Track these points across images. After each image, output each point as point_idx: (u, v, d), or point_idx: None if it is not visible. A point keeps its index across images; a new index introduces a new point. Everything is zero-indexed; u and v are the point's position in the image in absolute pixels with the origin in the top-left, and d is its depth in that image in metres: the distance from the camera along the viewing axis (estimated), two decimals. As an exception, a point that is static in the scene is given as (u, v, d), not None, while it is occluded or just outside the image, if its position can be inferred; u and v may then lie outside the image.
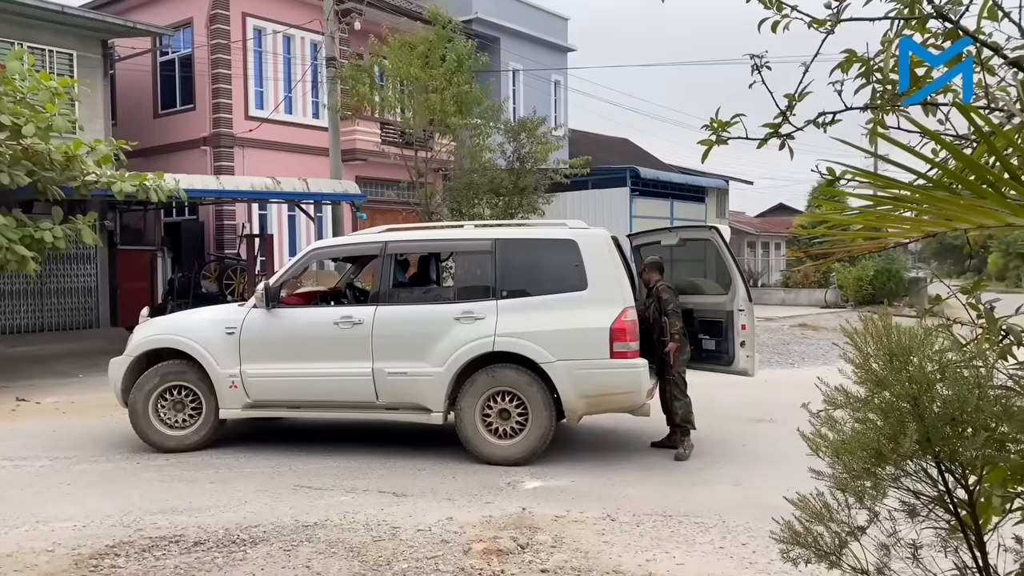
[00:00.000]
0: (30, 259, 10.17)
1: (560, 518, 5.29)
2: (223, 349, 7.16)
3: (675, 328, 6.97)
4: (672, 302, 7.02)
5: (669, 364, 7.04)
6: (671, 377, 7.05)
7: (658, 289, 7.15)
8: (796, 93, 2.39)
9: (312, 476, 6.45)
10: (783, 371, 12.85)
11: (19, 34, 15.08)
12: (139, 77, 19.77)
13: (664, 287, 7.13)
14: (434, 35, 15.71)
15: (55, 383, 11.62)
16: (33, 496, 5.97)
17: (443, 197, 16.86)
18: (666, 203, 22.48)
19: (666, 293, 7.06)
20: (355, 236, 8.26)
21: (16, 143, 10.48)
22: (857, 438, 2.04)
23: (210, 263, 17.89)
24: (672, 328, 6.96)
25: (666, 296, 7.04)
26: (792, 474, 2.88)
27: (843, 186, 2.26)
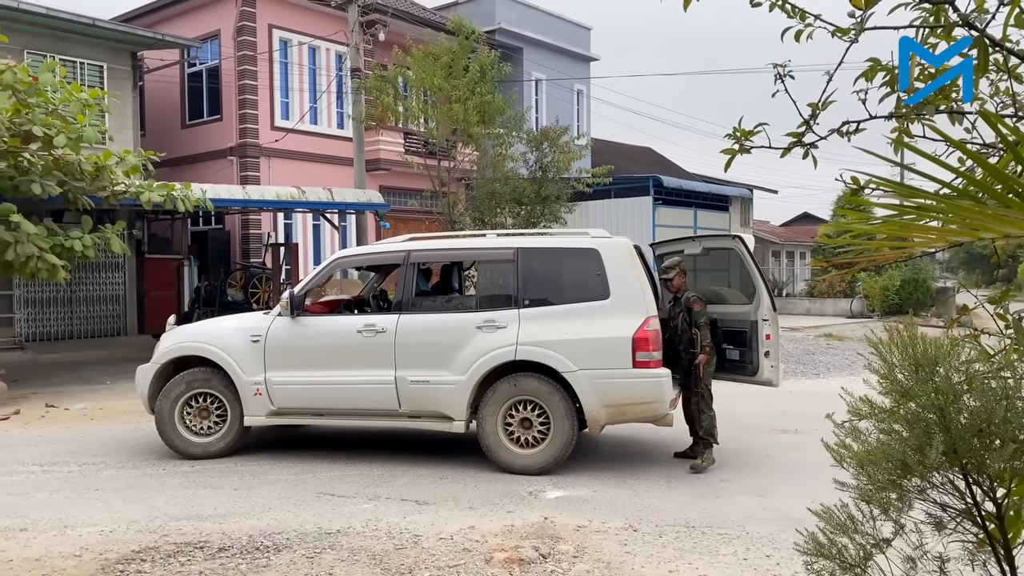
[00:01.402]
0: (60, 267, 10.33)
1: (582, 528, 5.27)
2: (248, 357, 7.23)
3: (705, 340, 6.89)
4: (703, 314, 6.93)
5: (697, 376, 6.95)
6: (699, 390, 6.95)
7: (688, 300, 7.03)
8: (820, 102, 2.38)
9: (335, 483, 6.48)
10: (808, 381, 12.73)
11: (51, 47, 15.38)
12: (167, 88, 20.06)
13: (695, 298, 7.01)
14: (457, 46, 15.81)
15: (83, 390, 11.78)
16: (62, 501, 6.05)
17: (465, 206, 16.91)
18: (689, 212, 22.38)
19: (697, 304, 6.96)
20: (378, 245, 8.31)
21: (48, 154, 10.66)
22: (882, 449, 2.02)
23: (236, 272, 18.07)
24: (703, 340, 6.89)
25: (697, 308, 6.95)
26: (816, 485, 2.85)
27: (867, 195, 2.25)
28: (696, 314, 6.95)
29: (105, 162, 11.32)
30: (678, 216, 21.71)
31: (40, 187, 10.28)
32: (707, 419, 6.92)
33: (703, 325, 6.91)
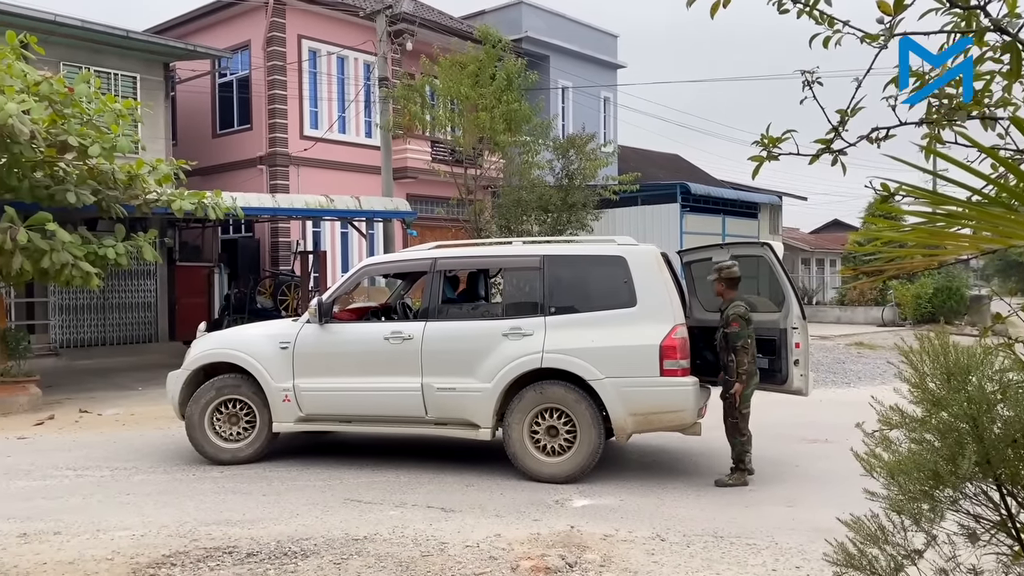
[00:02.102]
0: (94, 275, 10.50)
1: (609, 537, 5.25)
2: (277, 363, 7.30)
3: (742, 367, 6.51)
4: (742, 336, 6.49)
5: (732, 404, 6.63)
6: (733, 418, 6.62)
7: (728, 318, 6.61)
8: (848, 108, 2.36)
9: (362, 490, 6.51)
10: (838, 390, 12.57)
11: (87, 59, 15.68)
12: (198, 99, 20.37)
13: (735, 316, 6.56)
14: (484, 54, 15.88)
15: (116, 395, 11.96)
16: (95, 505, 6.14)
17: (492, 214, 16.95)
18: (717, 219, 22.23)
19: (736, 324, 6.52)
20: (405, 253, 8.36)
21: (83, 163, 10.87)
22: (913, 459, 2.00)
23: (265, 279, 18.26)
24: (739, 367, 6.52)
25: (735, 328, 6.52)
26: (846, 495, 2.82)
27: (898, 203, 2.23)
28: (732, 336, 6.53)
29: (138, 171, 11.51)
30: (706, 223, 21.58)
31: (75, 196, 10.48)
32: (738, 444, 6.64)
33: (740, 349, 6.49)
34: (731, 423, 6.64)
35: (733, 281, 6.78)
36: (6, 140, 9.43)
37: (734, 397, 6.56)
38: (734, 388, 6.55)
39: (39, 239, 9.83)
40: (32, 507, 6.07)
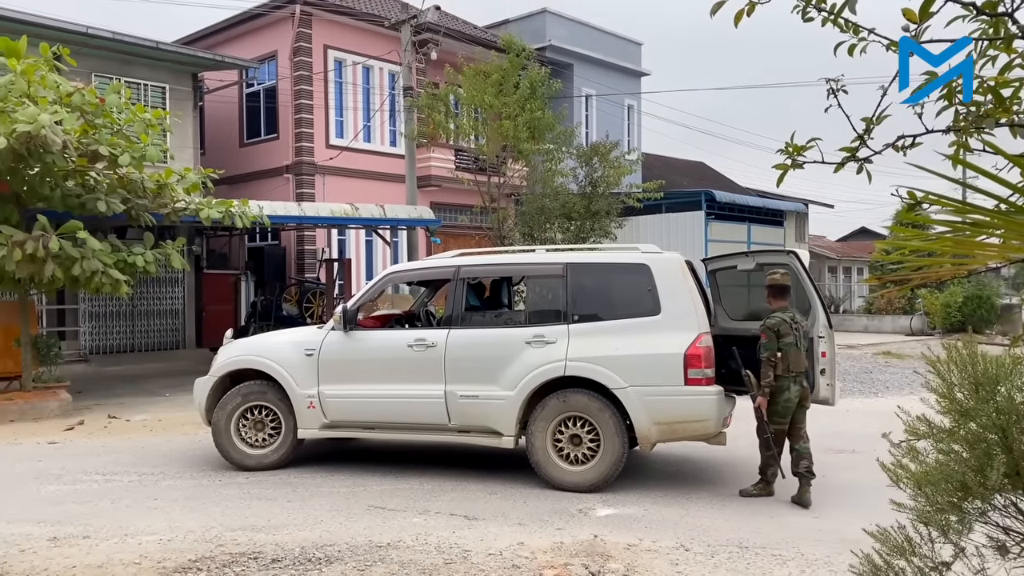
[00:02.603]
0: (123, 282, 10.66)
1: (633, 547, 5.22)
2: (302, 370, 7.35)
3: (766, 379, 6.28)
4: (768, 349, 6.28)
5: (763, 419, 6.39)
6: (764, 435, 6.40)
7: (760, 329, 6.42)
8: (874, 116, 2.34)
9: (385, 497, 6.53)
10: (865, 400, 12.42)
11: (117, 69, 15.95)
12: (226, 108, 20.63)
13: (765, 328, 6.35)
14: (508, 63, 15.94)
15: (144, 401, 12.11)
16: (123, 510, 6.22)
17: (515, 222, 16.98)
18: (743, 227, 22.09)
19: (765, 336, 6.33)
20: (429, 260, 8.39)
21: (113, 172, 11.05)
22: (941, 470, 1.97)
23: (291, 286, 18.42)
24: (764, 378, 6.29)
25: (763, 340, 6.33)
26: (873, 506, 2.79)
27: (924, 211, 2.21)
28: (761, 347, 6.34)
29: (167, 180, 11.68)
30: (731, 231, 21.45)
31: (105, 204, 10.65)
32: (763, 458, 6.50)
33: (764, 362, 6.29)
34: (763, 439, 6.42)
35: (777, 288, 6.54)
36: (39, 150, 9.61)
37: (759, 411, 6.37)
38: (757, 402, 6.38)
39: (70, 247, 9.99)
40: (62, 511, 6.17)
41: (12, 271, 9.83)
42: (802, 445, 6.41)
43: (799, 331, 6.41)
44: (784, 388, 6.34)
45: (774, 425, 6.36)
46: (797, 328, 6.41)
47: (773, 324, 6.35)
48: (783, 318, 6.37)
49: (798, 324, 6.44)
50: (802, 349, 6.40)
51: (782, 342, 6.31)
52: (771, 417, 6.35)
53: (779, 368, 6.30)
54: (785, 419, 6.37)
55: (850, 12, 2.24)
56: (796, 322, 6.43)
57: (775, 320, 6.37)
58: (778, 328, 6.33)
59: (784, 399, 6.34)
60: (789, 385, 6.34)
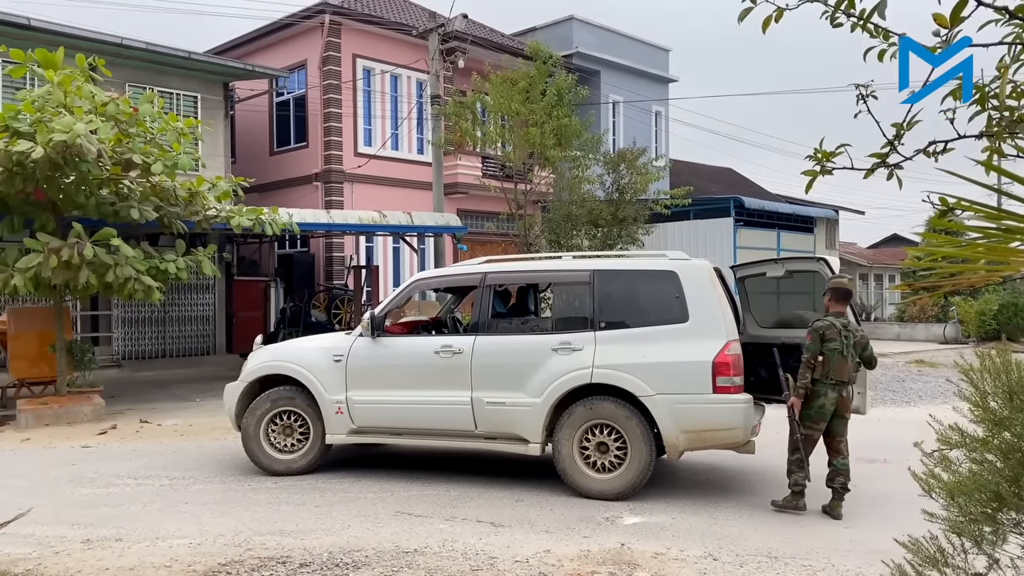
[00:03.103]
0: (155, 289, 10.82)
1: (660, 555, 5.19)
2: (330, 376, 7.41)
3: (802, 380, 6.15)
4: (810, 350, 6.15)
5: (795, 421, 6.26)
6: (798, 435, 6.21)
7: (808, 329, 6.30)
8: (904, 122, 2.32)
9: (412, 503, 6.56)
10: (898, 409, 12.23)
11: (151, 79, 16.23)
12: (257, 117, 20.89)
13: (811, 329, 6.23)
14: (535, 70, 15.97)
15: (175, 406, 12.26)
16: (154, 513, 6.31)
17: (542, 229, 16.98)
18: (772, 233, 21.89)
19: (810, 337, 6.21)
20: (456, 267, 8.42)
21: (146, 180, 11.23)
22: (974, 480, 1.94)
23: (319, 293, 18.57)
24: (800, 379, 6.16)
25: (807, 341, 6.23)
26: (905, 517, 2.75)
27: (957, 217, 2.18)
28: (804, 347, 6.26)
29: (198, 188, 11.85)
30: (760, 238, 21.27)
31: (138, 212, 10.82)
32: (788, 464, 6.30)
33: (803, 363, 6.16)
34: (794, 440, 6.26)
35: (839, 292, 6.37)
36: (75, 159, 9.79)
37: (791, 411, 6.25)
38: (790, 402, 6.25)
39: (104, 254, 10.16)
40: (95, 514, 6.26)
41: (48, 277, 10.02)
42: (840, 461, 6.27)
43: (848, 339, 6.23)
44: (821, 394, 6.20)
45: (805, 429, 6.23)
46: (847, 336, 6.23)
47: (820, 327, 6.21)
48: (832, 322, 6.23)
49: (850, 332, 6.27)
50: (848, 358, 6.22)
51: (826, 347, 6.17)
52: (803, 421, 6.23)
53: (818, 372, 6.17)
54: (818, 425, 6.24)
55: (879, 17, 2.22)
56: (848, 330, 6.27)
57: (823, 323, 6.23)
58: (824, 332, 6.19)
59: (819, 404, 6.21)
60: (827, 391, 6.20)
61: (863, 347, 6.36)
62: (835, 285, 6.41)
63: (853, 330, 6.31)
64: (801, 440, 6.21)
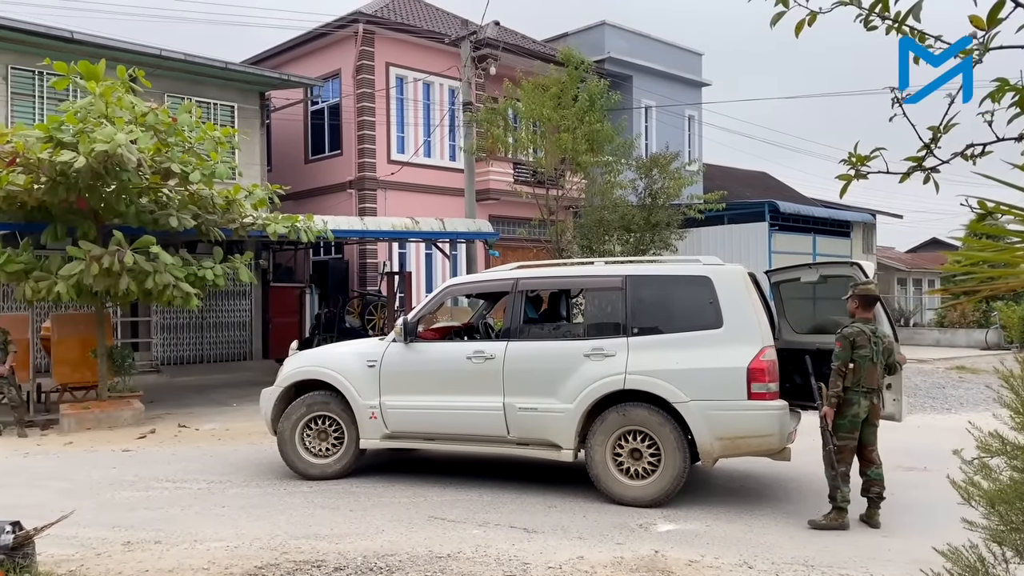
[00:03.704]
0: (193, 295, 11.00)
1: (694, 563, 5.15)
2: (364, 381, 7.47)
3: (833, 388, 6.01)
4: (840, 358, 6.01)
5: (828, 431, 6.09)
6: (827, 447, 6.07)
7: (836, 336, 6.16)
8: (941, 125, 2.28)
9: (445, 508, 6.58)
10: (938, 416, 12.01)
11: (188, 90, 16.53)
12: (292, 126, 21.17)
13: (840, 336, 6.08)
14: (566, 76, 15.98)
15: (212, 411, 12.44)
16: (192, 516, 6.40)
17: (573, 234, 16.97)
18: (808, 238, 21.62)
19: (840, 344, 6.05)
20: (488, 273, 8.45)
21: (184, 189, 11.44)
22: (1015, 488, 1.91)
23: (353, 299, 18.74)
24: (832, 388, 6.02)
25: (836, 348, 6.06)
26: (944, 525, 2.70)
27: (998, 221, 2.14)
28: (833, 355, 6.08)
29: (235, 196, 12.03)
30: (795, 242, 21.02)
31: (177, 220, 11.02)
32: (830, 478, 6.07)
33: (833, 371, 6.01)
34: (824, 452, 6.12)
35: (866, 299, 6.24)
36: (115, 168, 10.00)
37: (824, 421, 6.11)
38: (822, 411, 6.08)
39: (144, 261, 10.35)
40: (135, 517, 6.38)
41: (90, 284, 10.24)
42: (874, 471, 6.14)
43: (878, 345, 6.12)
44: (853, 402, 6.07)
45: (839, 440, 6.08)
46: (876, 342, 6.12)
47: (849, 333, 6.08)
48: (862, 329, 6.10)
49: (879, 338, 6.15)
50: (879, 365, 6.11)
51: (856, 353, 6.04)
52: (836, 431, 6.08)
53: (849, 380, 6.05)
54: (852, 435, 6.11)
55: (914, 20, 2.20)
56: (877, 336, 6.15)
57: (852, 330, 6.10)
58: (854, 338, 6.06)
59: (852, 413, 6.08)
60: (859, 399, 6.07)
61: (889, 353, 6.24)
62: (861, 291, 6.28)
63: (881, 336, 6.20)
64: (835, 452, 6.06)
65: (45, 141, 9.99)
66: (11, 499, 6.89)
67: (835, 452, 6.04)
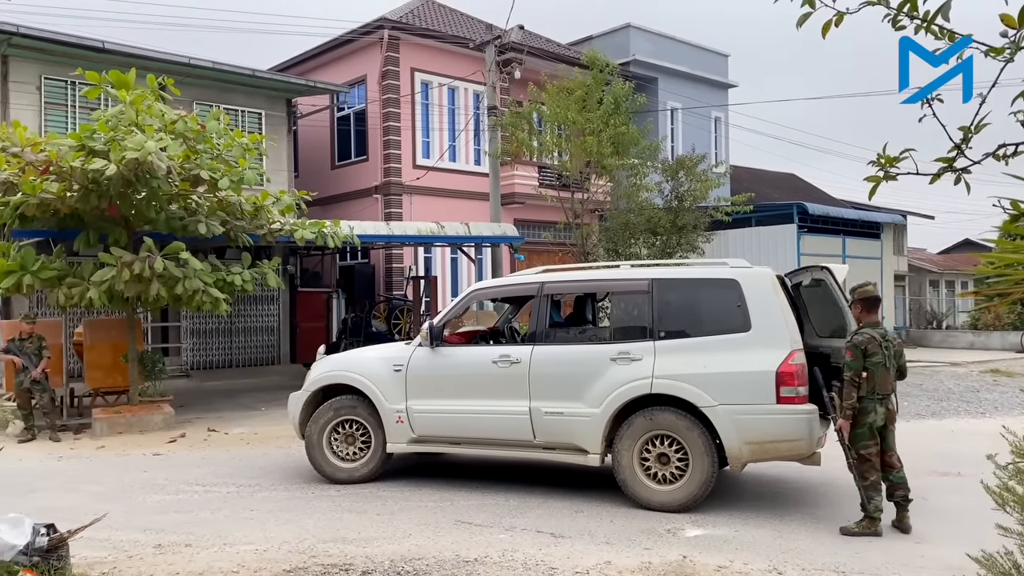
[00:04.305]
0: (222, 300, 11.12)
1: (723, 568, 5.10)
2: (391, 385, 7.49)
3: (848, 400, 5.87)
4: (853, 368, 5.86)
5: (846, 445, 5.99)
6: (849, 459, 5.98)
7: (846, 346, 6.01)
8: (972, 125, 2.24)
9: (472, 512, 6.58)
10: (972, 420, 11.80)
11: (217, 97, 16.73)
12: (318, 132, 21.35)
13: (851, 345, 5.94)
14: (591, 79, 15.95)
15: (241, 415, 12.56)
16: (222, 520, 6.47)
17: (599, 237, 16.91)
18: (837, 240, 21.38)
19: (851, 353, 5.90)
20: (513, 277, 8.45)
21: (213, 195, 11.58)
22: (1052, 495, 1.87)
23: (380, 303, 18.84)
24: (846, 399, 5.88)
25: (848, 358, 5.91)
26: (978, 531, 2.65)
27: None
28: (845, 365, 5.92)
29: (263, 202, 12.17)
30: (825, 244, 20.79)
31: (206, 226, 11.16)
32: (859, 489, 5.95)
33: (847, 382, 5.87)
34: (849, 464, 6.01)
35: (869, 301, 6.11)
36: (146, 176, 10.15)
37: (840, 435, 5.93)
38: (837, 424, 5.95)
39: (173, 267, 10.49)
40: (166, 520, 6.46)
41: (121, 290, 10.39)
42: (896, 475, 6.02)
43: (889, 349, 6.01)
44: (869, 410, 5.94)
45: (861, 450, 5.95)
46: (887, 346, 6.01)
47: (860, 342, 5.93)
48: (872, 335, 5.97)
49: (888, 342, 6.04)
50: (891, 369, 6.01)
51: (869, 361, 5.91)
52: (856, 442, 5.95)
53: (863, 388, 5.92)
54: (873, 441, 5.97)
55: (943, 19, 2.16)
56: (887, 339, 6.04)
57: (863, 338, 5.96)
58: (866, 347, 5.92)
59: (869, 422, 5.94)
60: (875, 407, 5.95)
61: (899, 355, 6.14)
62: (863, 295, 6.13)
63: (891, 339, 6.09)
64: (859, 462, 5.94)
65: (77, 149, 10.17)
66: (46, 502, 7.01)
67: (859, 463, 5.94)
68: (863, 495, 5.94)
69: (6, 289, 10.56)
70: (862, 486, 5.93)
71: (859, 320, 6.17)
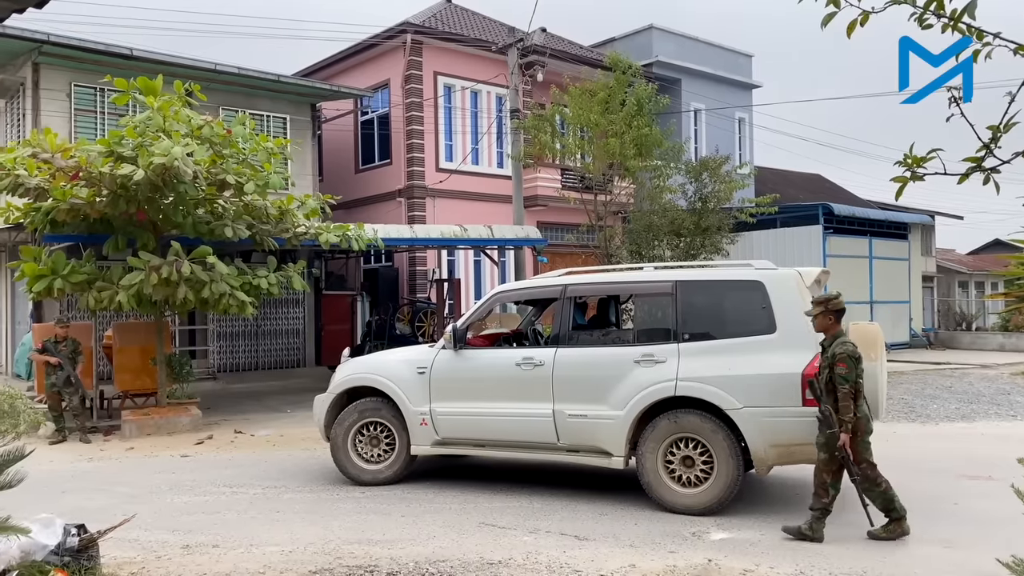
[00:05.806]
0: (248, 304, 11.24)
1: (748, 572, 5.07)
2: (415, 388, 7.52)
3: (847, 415, 5.60)
4: (849, 380, 5.61)
5: (847, 459, 5.69)
6: (854, 476, 5.72)
7: (835, 356, 5.70)
8: (1001, 124, 2.22)
9: (496, 514, 6.59)
10: (1004, 424, 11.61)
11: (242, 103, 16.91)
12: (342, 136, 21.50)
13: (845, 356, 5.66)
14: (614, 81, 15.91)
15: (267, 417, 12.67)
16: (248, 521, 6.53)
17: (622, 240, 16.87)
18: (864, 241, 21.14)
19: (845, 365, 5.63)
20: (536, 280, 8.45)
21: (239, 200, 11.70)
22: (1085, 499, 1.83)
23: (404, 306, 18.92)
24: (845, 413, 5.60)
25: (842, 369, 5.63)
26: (1010, 535, 2.61)
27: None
28: (839, 378, 5.64)
29: (288, 206, 12.27)
30: (851, 246, 20.58)
31: (232, 230, 11.28)
32: (878, 496, 5.77)
33: (846, 394, 5.60)
34: (853, 479, 5.78)
35: (840, 313, 5.94)
36: (173, 181, 10.29)
37: (843, 451, 5.65)
38: (840, 441, 5.63)
39: (200, 271, 10.61)
40: (193, 521, 6.53)
41: (149, 294, 10.53)
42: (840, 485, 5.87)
43: None
44: (868, 418, 5.84)
45: (871, 459, 5.80)
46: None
47: (854, 352, 5.72)
48: (854, 344, 5.80)
49: None
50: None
51: (860, 371, 5.74)
52: (864, 452, 5.78)
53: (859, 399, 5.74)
54: (870, 447, 5.84)
55: (969, 17, 2.14)
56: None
57: (852, 347, 5.75)
58: (858, 356, 5.74)
59: (869, 429, 5.83)
60: (867, 415, 5.84)
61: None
62: (838, 307, 5.93)
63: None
64: (866, 472, 5.77)
65: (106, 155, 10.32)
66: (77, 503, 7.12)
67: (869, 471, 5.78)
68: (883, 501, 5.78)
69: (38, 293, 10.75)
70: (878, 494, 5.79)
71: (827, 331, 5.94)
